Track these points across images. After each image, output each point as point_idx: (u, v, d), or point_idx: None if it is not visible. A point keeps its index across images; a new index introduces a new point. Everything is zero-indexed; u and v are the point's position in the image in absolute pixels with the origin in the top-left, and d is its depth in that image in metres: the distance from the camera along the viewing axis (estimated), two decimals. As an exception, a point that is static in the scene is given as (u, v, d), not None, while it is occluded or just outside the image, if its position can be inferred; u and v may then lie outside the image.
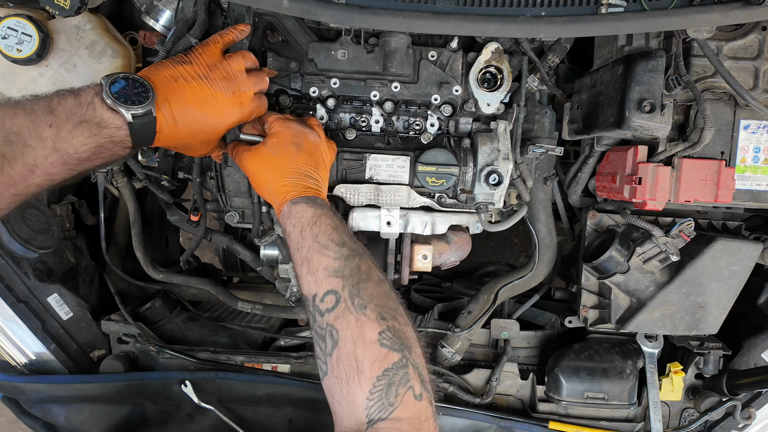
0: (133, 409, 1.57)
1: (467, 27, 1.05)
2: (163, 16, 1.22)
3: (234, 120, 1.07)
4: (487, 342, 1.67)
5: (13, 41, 1.15)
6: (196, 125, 1.00)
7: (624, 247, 1.29)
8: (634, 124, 1.13)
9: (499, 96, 1.23)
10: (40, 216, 1.41)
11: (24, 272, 1.42)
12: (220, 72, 1.02)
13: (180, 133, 0.99)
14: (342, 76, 1.24)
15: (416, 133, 1.31)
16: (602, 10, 1.02)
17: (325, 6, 1.01)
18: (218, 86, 1.01)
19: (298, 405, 1.54)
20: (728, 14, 0.99)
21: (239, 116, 1.06)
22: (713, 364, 1.45)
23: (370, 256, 1.01)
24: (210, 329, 1.67)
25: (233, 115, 1.05)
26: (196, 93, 0.98)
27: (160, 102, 0.93)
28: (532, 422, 1.48)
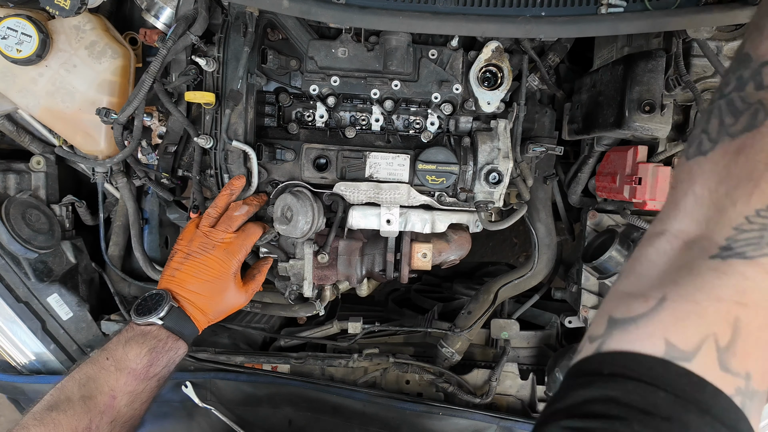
0: (132, 409, 1.57)
1: (467, 27, 1.05)
2: (164, 13, 1.22)
3: (232, 263, 1.14)
4: (487, 342, 1.67)
5: (13, 41, 1.15)
6: (208, 291, 1.12)
7: (624, 247, 1.29)
8: (634, 124, 1.13)
9: (499, 95, 1.23)
10: (40, 216, 1.41)
11: (24, 272, 1.42)
12: (195, 241, 1.14)
13: (206, 306, 1.12)
14: (342, 74, 1.24)
15: (416, 131, 1.31)
16: (602, 10, 1.02)
17: (325, 6, 1.02)
18: (199, 254, 1.13)
19: (298, 405, 1.54)
20: (728, 14, 0.99)
21: (233, 260, 1.14)
22: (713, 364, 1.45)
23: None
24: (209, 329, 1.66)
25: (227, 262, 1.13)
26: (191, 272, 1.12)
27: (177, 296, 1.10)
28: (532, 422, 1.48)
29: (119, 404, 0.97)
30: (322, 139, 1.29)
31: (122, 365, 0.99)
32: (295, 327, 1.74)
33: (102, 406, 0.94)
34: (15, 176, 1.43)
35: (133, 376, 0.99)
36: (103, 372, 0.98)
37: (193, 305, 1.10)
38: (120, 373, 0.98)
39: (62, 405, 0.93)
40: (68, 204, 1.49)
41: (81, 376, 0.98)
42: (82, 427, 0.91)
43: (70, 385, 0.97)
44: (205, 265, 1.12)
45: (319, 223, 1.25)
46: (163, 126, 1.36)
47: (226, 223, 1.17)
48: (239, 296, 1.18)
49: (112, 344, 1.03)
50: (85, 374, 0.98)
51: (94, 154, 1.33)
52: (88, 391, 0.95)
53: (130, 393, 0.98)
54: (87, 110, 1.25)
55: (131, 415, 0.99)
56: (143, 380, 1.00)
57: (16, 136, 1.38)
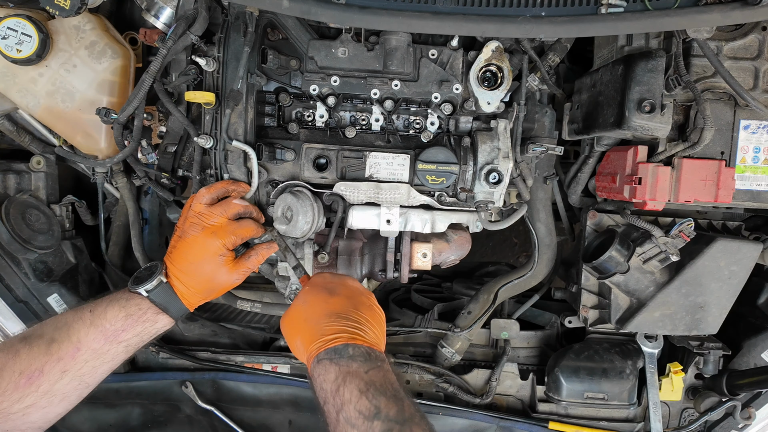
0: (132, 410, 1.57)
1: (467, 27, 1.05)
2: (164, 13, 1.22)
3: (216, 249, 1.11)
4: (487, 342, 1.67)
5: (13, 41, 1.15)
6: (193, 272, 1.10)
7: (624, 247, 1.29)
8: (634, 124, 1.13)
9: (499, 95, 1.23)
10: (40, 216, 1.41)
11: (24, 272, 1.42)
12: (188, 221, 1.14)
13: (191, 285, 1.11)
14: (342, 74, 1.24)
15: (416, 131, 1.31)
16: (602, 10, 1.02)
17: (325, 6, 1.02)
18: (190, 232, 1.12)
19: (298, 405, 1.54)
20: (728, 14, 0.99)
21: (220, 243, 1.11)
22: (713, 364, 1.45)
23: (417, 420, 0.80)
24: (210, 329, 1.67)
25: (213, 245, 1.11)
26: (180, 251, 1.12)
27: (170, 272, 1.11)
28: (532, 422, 1.48)
29: (80, 357, 0.98)
30: (322, 139, 1.29)
31: (97, 321, 1.01)
32: (295, 327, 1.74)
33: (62, 353, 0.96)
34: (15, 176, 1.43)
35: (103, 335, 1.00)
36: (78, 322, 1.00)
37: (181, 283, 1.10)
38: (92, 328, 1.00)
39: (32, 340, 0.96)
40: (68, 204, 1.49)
41: (62, 319, 1.01)
42: (34, 368, 0.93)
43: (50, 323, 1.00)
44: (192, 246, 1.11)
45: (319, 223, 1.25)
46: (163, 126, 1.36)
47: (224, 206, 1.15)
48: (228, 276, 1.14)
49: (103, 300, 1.06)
50: (65, 319, 1.01)
51: (94, 154, 1.33)
52: (59, 335, 0.97)
53: (94, 350, 0.99)
54: (87, 110, 1.25)
55: (87, 373, 0.99)
56: (111, 342, 1.01)
57: (16, 136, 1.38)
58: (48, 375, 0.94)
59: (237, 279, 1.16)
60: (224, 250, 1.12)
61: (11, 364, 0.92)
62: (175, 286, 1.10)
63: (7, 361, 0.92)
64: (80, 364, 0.98)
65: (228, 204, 1.16)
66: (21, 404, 0.92)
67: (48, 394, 0.95)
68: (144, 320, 1.06)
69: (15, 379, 0.91)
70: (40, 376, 0.93)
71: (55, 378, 0.95)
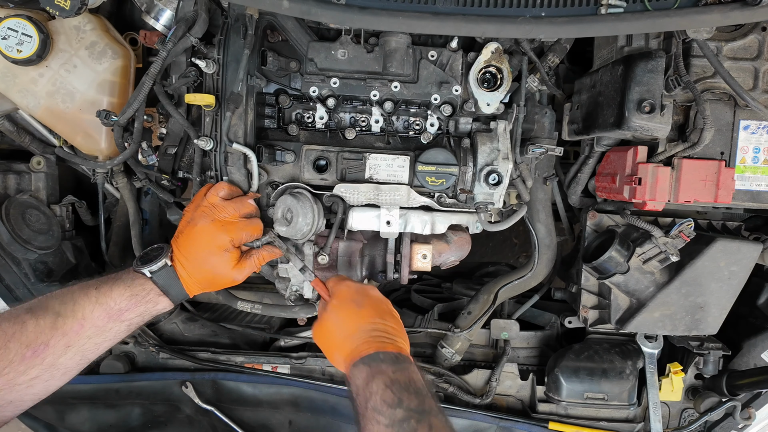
0: (133, 410, 1.57)
1: (467, 27, 1.05)
2: (164, 15, 1.22)
3: (224, 243, 1.12)
4: (487, 342, 1.67)
5: (14, 42, 1.15)
6: (197, 261, 1.12)
7: (624, 247, 1.29)
8: (633, 124, 1.13)
9: (498, 96, 1.23)
10: (40, 216, 1.41)
11: (24, 273, 1.42)
12: (200, 209, 1.16)
13: (193, 273, 1.12)
14: (342, 76, 1.24)
15: (416, 132, 1.31)
16: (602, 10, 1.02)
17: (325, 7, 1.02)
18: (200, 221, 1.14)
19: (298, 406, 1.54)
20: (728, 15, 0.99)
21: (228, 239, 1.13)
22: (713, 364, 1.45)
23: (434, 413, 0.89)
24: (210, 329, 1.67)
25: (221, 239, 1.13)
26: (187, 237, 1.13)
27: (175, 256, 1.12)
28: (531, 422, 1.48)
29: (84, 333, 1.00)
30: (322, 141, 1.29)
31: (102, 299, 1.03)
32: (295, 327, 1.74)
33: (67, 328, 0.98)
34: (15, 176, 1.43)
35: (107, 313, 1.02)
36: (84, 298, 1.02)
37: (184, 269, 1.12)
38: (97, 305, 1.02)
39: (38, 312, 0.97)
40: (68, 204, 1.49)
41: (67, 293, 1.03)
42: (40, 341, 0.95)
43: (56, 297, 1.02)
44: (200, 234, 1.13)
45: (319, 224, 1.25)
46: (163, 127, 1.36)
47: (238, 203, 1.18)
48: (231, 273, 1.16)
49: (108, 278, 1.07)
50: (72, 294, 1.02)
51: (94, 155, 1.34)
52: (64, 310, 0.99)
53: (97, 327, 1.01)
54: (87, 110, 1.25)
55: (89, 348, 1.01)
56: (114, 320, 1.03)
57: (16, 137, 1.38)
58: (53, 349, 0.96)
59: (237, 277, 1.18)
60: (230, 246, 1.13)
61: (18, 335, 0.93)
62: (178, 271, 1.11)
63: (15, 332, 0.93)
64: (83, 340, 1.00)
65: (242, 202, 1.19)
66: (26, 376, 0.93)
67: (52, 368, 0.96)
68: (146, 301, 1.08)
69: (22, 350, 0.92)
70: (45, 349, 0.95)
71: (59, 352, 0.97)
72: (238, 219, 1.16)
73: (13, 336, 0.92)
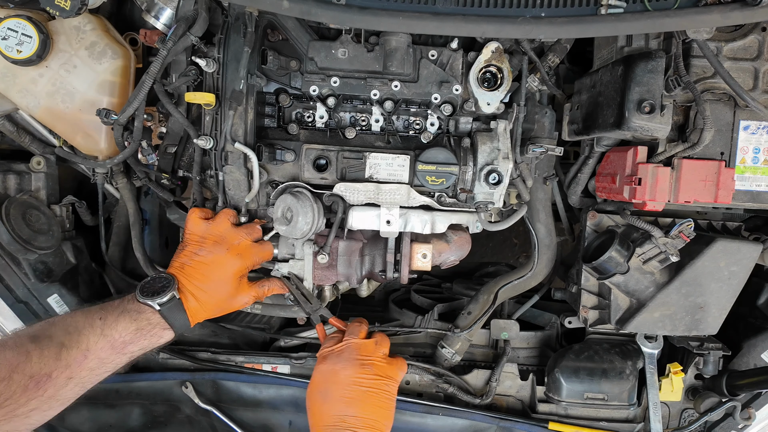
0: (132, 410, 1.57)
1: (467, 28, 1.05)
2: (164, 14, 1.22)
3: (239, 270, 1.15)
4: (487, 342, 1.67)
5: (14, 42, 1.15)
6: (213, 290, 1.13)
7: (624, 247, 1.29)
8: (633, 124, 1.13)
9: (499, 95, 1.23)
10: (40, 216, 1.41)
11: (24, 273, 1.42)
12: (209, 240, 1.17)
13: (208, 303, 1.14)
14: (342, 75, 1.24)
15: (416, 132, 1.31)
16: (602, 10, 1.02)
17: (325, 7, 1.02)
18: (213, 252, 1.15)
19: (298, 406, 1.54)
20: (728, 15, 0.99)
21: (241, 265, 1.16)
22: (713, 364, 1.45)
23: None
24: (210, 330, 1.67)
25: (236, 266, 1.15)
26: (199, 269, 1.14)
27: (183, 287, 1.12)
28: (531, 423, 1.48)
29: (86, 364, 0.99)
30: (322, 140, 1.29)
31: (108, 332, 1.02)
32: (295, 327, 1.74)
33: (70, 360, 0.97)
34: (15, 177, 1.43)
35: (111, 345, 1.02)
36: (89, 329, 1.01)
37: (196, 299, 1.11)
38: (102, 337, 1.01)
39: (42, 341, 0.96)
40: (68, 204, 1.49)
41: (72, 321, 1.01)
42: (44, 373, 0.94)
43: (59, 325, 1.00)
44: (216, 265, 1.14)
45: (319, 223, 1.25)
46: (163, 127, 1.36)
47: (248, 229, 1.21)
48: (242, 298, 1.20)
49: (111, 306, 1.06)
50: (75, 323, 1.01)
51: (94, 155, 1.34)
52: (69, 340, 0.98)
53: (100, 359, 1.01)
54: (87, 111, 1.25)
55: (88, 378, 1.01)
56: (117, 353, 1.03)
57: (16, 137, 1.38)
58: (55, 381, 0.95)
59: (248, 302, 1.22)
60: (245, 272, 1.16)
61: (22, 366, 0.92)
62: (186, 302, 1.11)
63: (19, 363, 0.92)
64: (85, 372, 1.00)
65: (253, 227, 1.22)
66: (26, 407, 0.92)
67: (52, 399, 0.96)
68: (151, 335, 1.07)
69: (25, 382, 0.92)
70: (47, 381, 0.94)
71: (61, 384, 0.96)
72: (251, 244, 1.18)
73: (17, 367, 0.91)
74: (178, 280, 1.12)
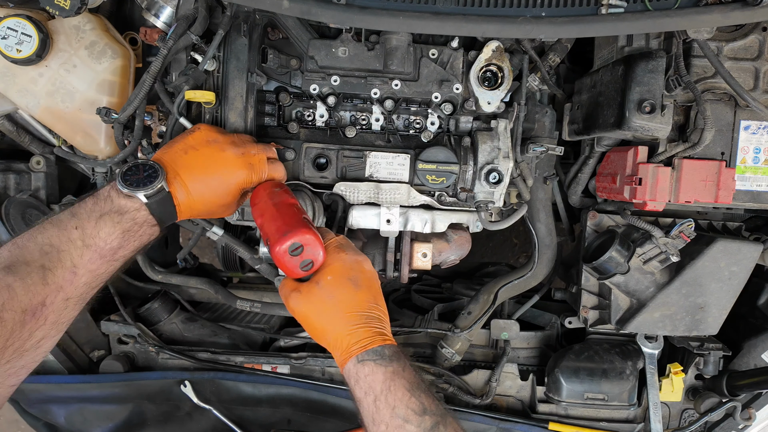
0: (132, 409, 1.57)
1: (467, 27, 1.05)
2: (164, 12, 1.22)
3: (243, 179, 1.06)
4: (487, 343, 1.67)
5: (13, 41, 1.15)
6: (211, 192, 1.03)
7: (624, 247, 1.29)
8: (634, 124, 1.13)
9: (499, 94, 1.23)
10: (40, 216, 1.40)
11: (23, 272, 1.41)
12: (229, 137, 1.07)
13: (199, 203, 1.02)
14: (342, 74, 1.24)
15: (416, 131, 1.31)
16: (602, 10, 1.02)
17: (326, 6, 1.02)
18: (227, 148, 1.05)
19: (297, 406, 1.54)
20: (728, 15, 0.99)
21: (249, 176, 1.06)
22: (713, 364, 1.45)
23: (451, 415, 0.91)
24: (210, 330, 1.67)
25: (242, 174, 1.05)
26: (205, 157, 1.02)
27: (171, 178, 0.98)
28: (531, 423, 1.47)
29: (78, 281, 0.90)
30: (323, 139, 1.29)
31: (90, 241, 0.90)
32: (295, 327, 1.74)
33: (61, 281, 0.88)
34: (15, 176, 1.43)
35: (99, 255, 0.91)
36: (68, 244, 0.89)
37: (188, 194, 0.99)
38: (86, 249, 0.90)
39: (19, 269, 0.85)
40: (68, 204, 1.49)
41: (44, 240, 0.89)
42: (36, 302, 0.85)
43: (31, 246, 0.88)
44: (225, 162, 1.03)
45: (319, 222, 1.25)
46: (163, 125, 1.36)
47: (266, 146, 1.13)
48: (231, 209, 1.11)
49: (84, 212, 0.93)
50: (49, 240, 0.89)
51: (94, 154, 1.33)
52: (50, 261, 0.87)
53: (92, 272, 0.92)
54: (87, 110, 1.25)
55: (87, 293, 0.93)
56: (108, 261, 0.93)
57: (16, 136, 1.38)
58: (52, 306, 0.87)
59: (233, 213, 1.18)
60: (249, 187, 1.08)
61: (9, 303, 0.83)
62: (176, 196, 0.98)
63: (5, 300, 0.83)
64: (81, 288, 0.91)
65: (269, 147, 1.14)
66: (33, 339, 0.86)
67: (56, 324, 0.89)
68: (140, 234, 0.96)
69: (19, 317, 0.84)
70: (43, 309, 0.86)
71: (59, 307, 0.89)
72: (265, 160, 1.09)
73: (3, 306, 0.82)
74: (168, 169, 0.98)
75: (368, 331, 0.95)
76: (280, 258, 0.95)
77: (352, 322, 0.95)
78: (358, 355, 0.92)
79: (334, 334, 0.96)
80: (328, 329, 0.97)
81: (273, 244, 0.95)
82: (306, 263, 0.97)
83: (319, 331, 0.98)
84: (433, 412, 0.89)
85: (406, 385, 0.90)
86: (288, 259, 0.95)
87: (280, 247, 0.94)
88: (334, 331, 0.96)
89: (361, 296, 0.98)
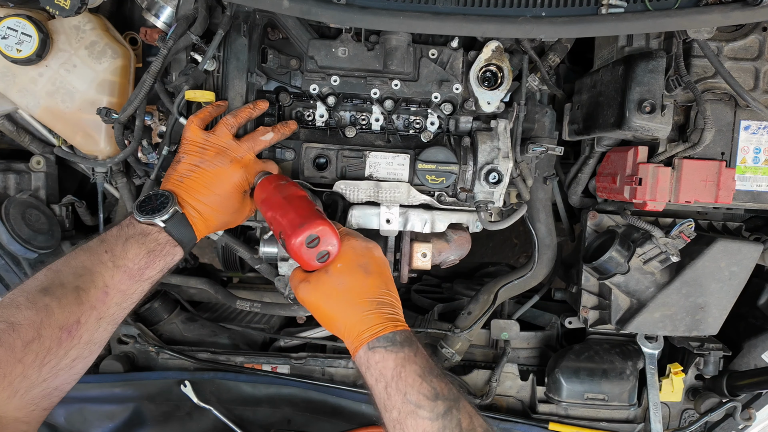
0: (132, 409, 1.57)
1: (467, 27, 1.05)
2: (164, 12, 1.22)
3: (242, 184, 1.11)
4: (487, 343, 1.67)
5: (13, 41, 1.15)
6: (217, 204, 1.08)
7: (624, 247, 1.29)
8: (634, 124, 1.13)
9: (499, 95, 1.23)
10: (40, 216, 1.40)
11: (24, 272, 1.42)
12: (210, 150, 1.09)
13: (211, 218, 1.09)
14: (342, 74, 1.24)
15: (416, 131, 1.31)
16: (602, 10, 1.02)
17: (326, 6, 1.02)
18: (214, 163, 1.08)
19: (297, 406, 1.54)
20: (728, 15, 0.99)
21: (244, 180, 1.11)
22: (713, 365, 1.45)
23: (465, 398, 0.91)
24: (210, 330, 1.67)
25: (240, 179, 1.10)
26: (201, 181, 1.07)
27: (183, 201, 1.05)
28: (532, 423, 1.47)
29: (110, 301, 0.95)
30: (322, 139, 1.29)
31: (120, 262, 0.96)
32: (295, 327, 1.74)
33: (94, 300, 0.93)
34: (15, 176, 1.43)
35: (128, 275, 0.97)
36: (99, 266, 0.95)
37: (199, 214, 1.06)
38: (116, 270, 0.95)
39: (56, 291, 0.90)
40: (68, 204, 1.49)
41: (77, 264, 0.95)
42: (72, 321, 0.89)
43: (65, 270, 0.94)
44: (218, 177, 1.07)
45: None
46: (163, 125, 1.36)
47: (252, 141, 1.13)
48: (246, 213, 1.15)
49: (111, 237, 1.00)
50: (82, 263, 0.95)
51: (93, 154, 1.33)
52: (83, 282, 0.92)
53: (122, 292, 0.96)
54: (87, 110, 1.25)
55: (118, 314, 0.97)
56: (137, 281, 0.98)
57: (16, 136, 1.38)
58: (86, 325, 0.91)
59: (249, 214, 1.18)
60: (248, 187, 1.11)
61: (47, 321, 0.87)
62: (190, 217, 1.05)
63: (43, 319, 0.87)
64: (112, 308, 0.95)
65: (255, 140, 1.15)
66: (67, 358, 0.89)
67: (90, 344, 0.93)
68: (164, 254, 1.01)
69: (57, 335, 0.88)
70: (78, 326, 0.90)
71: (93, 326, 0.92)
72: (254, 159, 1.13)
73: (42, 323, 0.87)
74: (177, 195, 1.05)
75: (380, 317, 0.94)
76: (296, 250, 0.95)
77: (363, 308, 0.95)
78: (368, 342, 0.92)
79: (344, 321, 0.96)
80: (339, 317, 0.97)
81: (288, 237, 0.95)
82: (322, 254, 0.97)
83: (330, 318, 0.98)
84: (446, 397, 0.88)
85: (417, 370, 0.89)
86: (305, 251, 0.95)
87: (297, 239, 0.94)
88: (345, 318, 0.96)
89: (372, 282, 0.98)
